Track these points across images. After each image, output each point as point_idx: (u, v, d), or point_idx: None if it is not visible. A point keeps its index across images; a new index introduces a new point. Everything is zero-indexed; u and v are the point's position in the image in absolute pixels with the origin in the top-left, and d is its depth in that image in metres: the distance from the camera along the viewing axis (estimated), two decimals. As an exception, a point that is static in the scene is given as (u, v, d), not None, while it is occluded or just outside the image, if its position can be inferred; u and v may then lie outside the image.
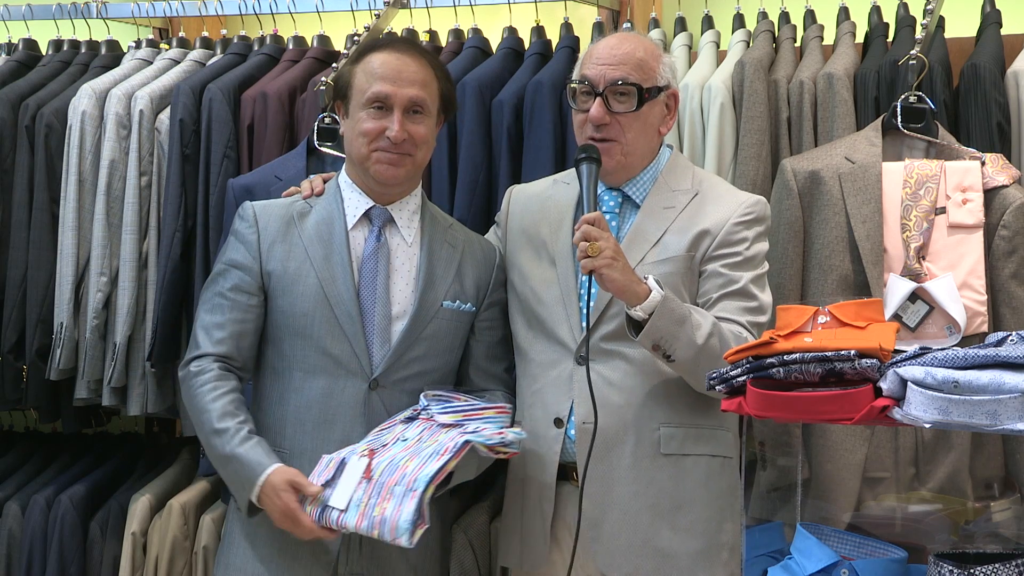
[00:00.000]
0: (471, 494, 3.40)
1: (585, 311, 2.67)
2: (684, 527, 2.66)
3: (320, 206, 2.79)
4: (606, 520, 2.68)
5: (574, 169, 2.75)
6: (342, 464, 2.58)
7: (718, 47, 3.52)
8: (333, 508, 2.54)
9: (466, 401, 2.70)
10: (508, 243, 2.92)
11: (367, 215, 2.78)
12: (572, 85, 2.78)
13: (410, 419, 2.68)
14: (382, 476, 2.52)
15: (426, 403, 2.68)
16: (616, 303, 2.67)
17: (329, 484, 2.57)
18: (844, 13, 3.49)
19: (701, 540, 2.67)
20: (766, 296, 2.73)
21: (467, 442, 2.54)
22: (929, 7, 3.20)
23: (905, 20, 3.40)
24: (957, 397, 1.91)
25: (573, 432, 2.70)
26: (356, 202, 2.78)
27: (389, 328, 2.73)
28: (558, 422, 2.72)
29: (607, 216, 2.77)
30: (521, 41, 3.66)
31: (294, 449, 2.71)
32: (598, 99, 2.72)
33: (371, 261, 2.74)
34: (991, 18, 3.35)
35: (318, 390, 2.71)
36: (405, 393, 2.73)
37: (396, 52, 2.74)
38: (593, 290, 2.67)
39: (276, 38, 3.84)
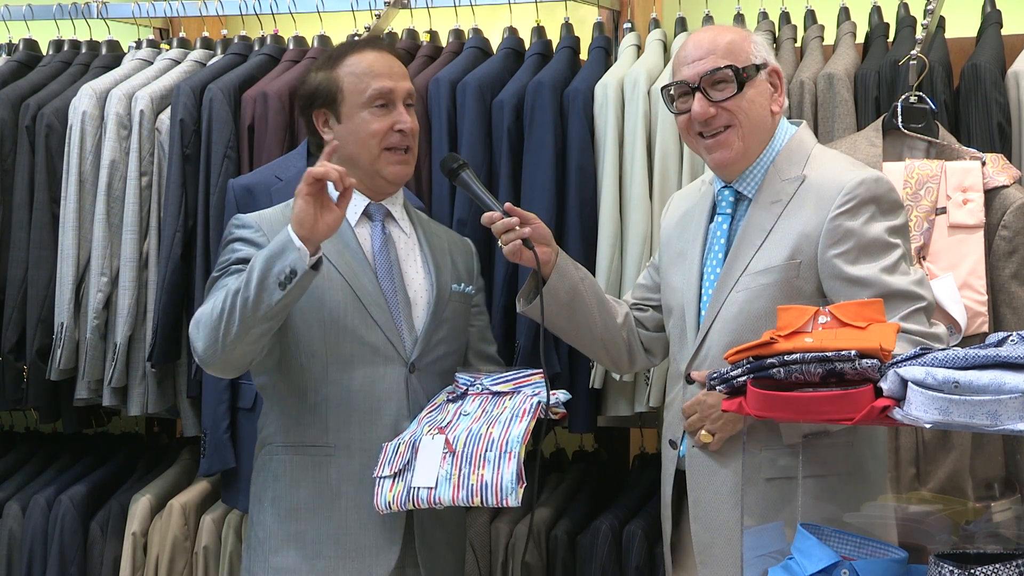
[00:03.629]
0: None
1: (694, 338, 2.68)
2: None
3: None
4: (715, 543, 2.66)
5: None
6: (414, 446, 2.61)
7: (718, 47, 3.52)
8: (420, 488, 2.57)
9: (502, 372, 2.76)
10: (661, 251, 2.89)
11: (366, 212, 2.82)
12: (669, 91, 2.70)
13: (456, 398, 2.73)
14: (466, 447, 2.57)
15: (470, 379, 2.74)
16: (721, 316, 2.65)
17: (407, 468, 2.60)
18: (844, 13, 3.49)
19: None
20: (906, 279, 2.53)
21: (539, 403, 2.63)
22: (929, 7, 3.20)
23: (905, 20, 3.40)
24: (958, 397, 1.91)
25: (685, 454, 2.72)
26: (354, 201, 2.79)
27: (411, 315, 2.78)
28: (672, 444, 2.75)
29: (720, 219, 2.71)
30: (521, 41, 3.66)
31: (339, 441, 2.71)
32: (697, 94, 2.64)
33: (382, 254, 2.79)
34: (991, 18, 3.35)
35: (360, 379, 2.72)
36: (435, 375, 2.79)
37: (377, 50, 2.81)
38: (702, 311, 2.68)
39: (276, 38, 3.84)
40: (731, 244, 2.68)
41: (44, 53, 4.08)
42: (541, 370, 2.73)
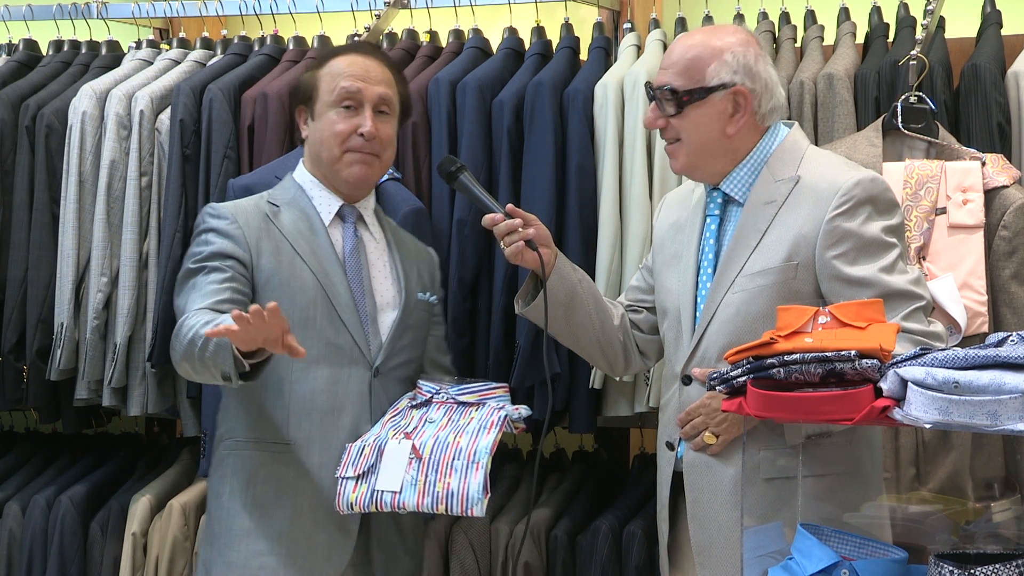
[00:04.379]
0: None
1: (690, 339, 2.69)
2: None
3: (288, 205, 2.82)
4: (713, 544, 2.67)
5: None
6: (379, 449, 2.62)
7: (718, 47, 3.52)
8: (384, 491, 2.58)
9: (471, 383, 2.77)
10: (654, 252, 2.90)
11: (339, 213, 2.84)
12: (648, 87, 2.72)
13: (420, 404, 2.74)
14: (433, 454, 2.58)
15: (435, 387, 2.75)
16: (717, 317, 2.65)
17: (371, 470, 2.61)
18: (844, 13, 3.49)
19: None
20: (904, 277, 2.55)
21: (506, 416, 2.66)
22: (929, 7, 3.20)
23: (905, 20, 3.40)
24: (957, 397, 1.91)
25: (683, 456, 2.71)
26: (327, 201, 2.84)
27: (377, 319, 2.80)
28: (670, 446, 2.75)
29: (709, 220, 2.72)
30: (521, 41, 3.66)
31: (300, 439, 2.72)
32: (652, 103, 2.68)
33: (353, 257, 2.81)
34: (991, 18, 3.35)
35: (323, 379, 2.73)
36: (397, 381, 2.80)
37: (360, 54, 2.84)
38: (702, 306, 2.68)
39: (276, 38, 3.84)
40: (721, 245, 2.69)
41: (44, 53, 4.08)
42: (505, 384, 2.78)
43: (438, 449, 2.59)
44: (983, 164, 3.00)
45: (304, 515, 2.71)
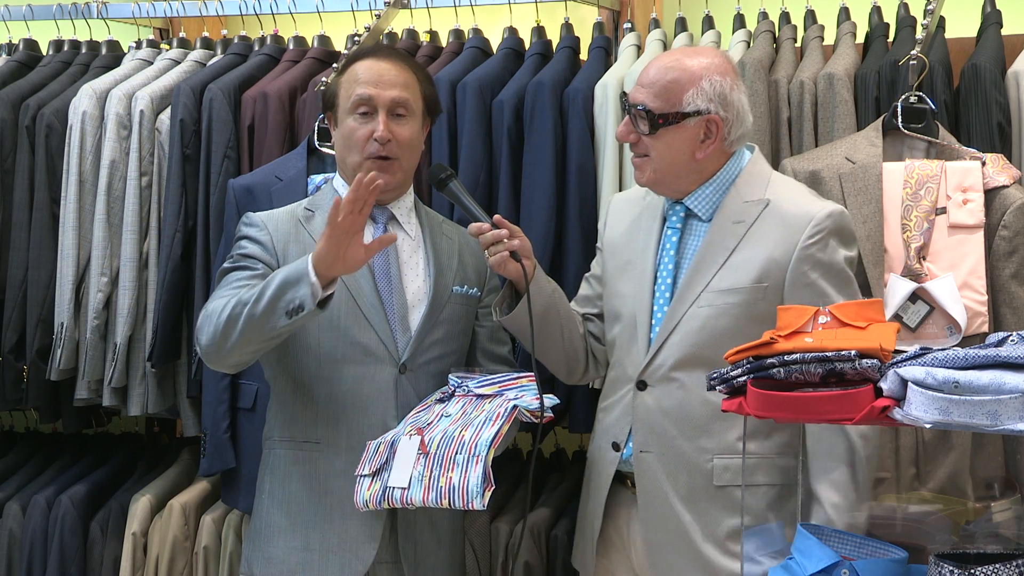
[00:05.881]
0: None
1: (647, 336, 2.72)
2: (736, 552, 2.65)
3: (322, 210, 2.86)
4: (667, 545, 2.70)
5: None
6: (392, 446, 2.64)
7: (719, 47, 3.52)
8: (394, 488, 2.60)
9: (496, 374, 2.77)
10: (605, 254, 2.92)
11: (370, 215, 2.82)
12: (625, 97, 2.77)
13: (445, 399, 2.76)
14: (439, 449, 2.59)
15: (458, 381, 2.76)
16: (681, 327, 2.68)
17: (384, 467, 2.63)
18: (844, 13, 3.49)
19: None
20: None
21: (515, 407, 2.65)
22: (929, 7, 3.20)
23: (905, 20, 3.40)
24: (958, 397, 1.91)
25: (630, 457, 2.74)
26: None
27: (407, 316, 2.83)
28: (615, 446, 2.77)
29: (670, 232, 2.76)
30: (522, 41, 3.66)
31: (328, 438, 2.78)
32: (627, 117, 2.72)
33: (382, 256, 2.82)
34: (991, 18, 3.35)
35: (349, 378, 2.77)
36: (429, 376, 2.82)
37: (377, 58, 2.86)
38: (659, 315, 2.71)
39: (276, 38, 3.85)
40: (681, 257, 2.74)
41: (44, 53, 4.08)
42: (531, 373, 2.76)
43: (444, 444, 2.60)
44: (983, 164, 3.00)
45: (334, 512, 2.77)
